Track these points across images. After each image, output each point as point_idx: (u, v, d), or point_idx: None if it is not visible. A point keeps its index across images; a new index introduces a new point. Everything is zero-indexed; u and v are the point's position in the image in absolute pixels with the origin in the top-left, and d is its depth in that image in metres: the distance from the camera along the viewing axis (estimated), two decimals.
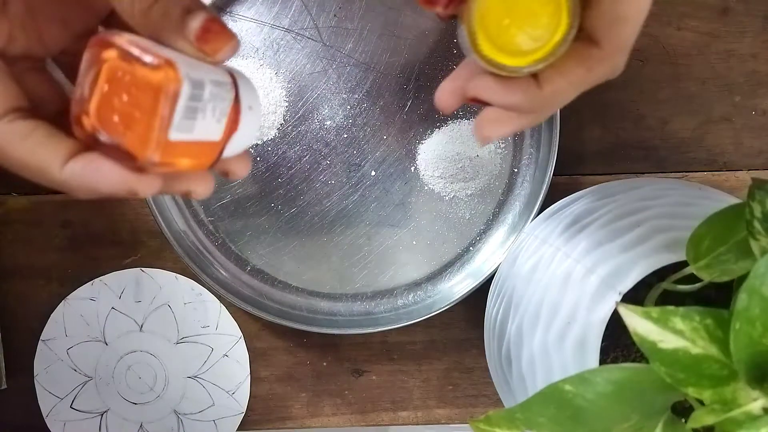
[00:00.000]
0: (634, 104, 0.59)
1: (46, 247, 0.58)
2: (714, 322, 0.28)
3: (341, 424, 0.60)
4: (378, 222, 0.58)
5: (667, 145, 0.59)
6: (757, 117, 0.60)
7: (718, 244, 0.33)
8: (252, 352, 0.59)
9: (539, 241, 0.44)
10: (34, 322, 0.58)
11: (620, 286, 0.36)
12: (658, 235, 0.37)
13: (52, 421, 0.59)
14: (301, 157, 0.57)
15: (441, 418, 0.61)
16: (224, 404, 0.59)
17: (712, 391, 0.28)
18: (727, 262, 0.32)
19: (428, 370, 0.60)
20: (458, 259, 0.58)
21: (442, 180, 0.57)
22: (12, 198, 0.58)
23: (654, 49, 0.59)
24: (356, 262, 0.58)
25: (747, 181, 0.59)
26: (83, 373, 0.59)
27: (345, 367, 0.60)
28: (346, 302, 0.58)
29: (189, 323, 0.58)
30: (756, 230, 0.30)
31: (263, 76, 0.56)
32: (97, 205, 0.58)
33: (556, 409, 0.29)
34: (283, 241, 0.57)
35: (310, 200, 0.57)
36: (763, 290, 0.26)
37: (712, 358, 0.28)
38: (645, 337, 0.27)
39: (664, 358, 0.27)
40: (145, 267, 0.58)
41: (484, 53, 0.30)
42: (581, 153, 0.59)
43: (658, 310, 0.28)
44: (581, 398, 0.29)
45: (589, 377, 0.29)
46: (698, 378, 0.28)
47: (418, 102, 0.57)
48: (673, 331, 0.27)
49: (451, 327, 0.60)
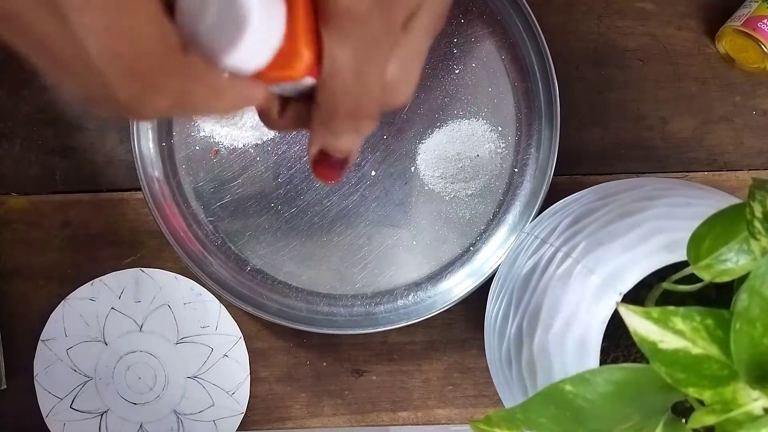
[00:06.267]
0: (634, 104, 0.59)
1: (46, 247, 0.58)
2: (714, 322, 0.28)
3: (341, 424, 0.60)
4: (378, 222, 0.58)
5: (667, 145, 0.59)
6: (757, 117, 0.60)
7: (718, 244, 0.32)
8: (252, 352, 0.59)
9: (539, 241, 0.44)
10: (34, 322, 0.58)
11: (620, 286, 0.36)
12: (658, 235, 0.37)
13: (52, 421, 0.59)
14: (301, 157, 0.57)
15: (441, 418, 0.60)
16: (224, 404, 0.59)
17: (713, 392, 0.28)
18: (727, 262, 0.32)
19: (428, 370, 0.60)
20: (458, 259, 0.58)
21: (442, 180, 0.57)
22: (12, 198, 0.58)
23: (654, 49, 0.59)
24: (356, 262, 0.58)
25: (747, 181, 0.59)
26: (83, 373, 0.59)
27: (345, 367, 0.60)
28: (346, 302, 0.58)
29: (189, 323, 0.58)
30: (756, 230, 0.30)
31: None
32: (97, 205, 0.58)
33: (556, 409, 0.29)
34: (283, 241, 0.57)
35: (310, 200, 0.57)
36: (763, 290, 0.26)
37: (712, 358, 0.28)
38: (645, 337, 0.27)
39: (664, 358, 0.27)
40: (145, 267, 0.58)
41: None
42: (581, 153, 0.59)
43: (659, 310, 0.28)
44: (581, 398, 0.29)
45: (590, 377, 0.29)
46: (698, 378, 0.28)
47: (419, 102, 0.57)
48: (674, 332, 0.27)
49: (451, 327, 0.60)
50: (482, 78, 0.57)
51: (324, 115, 0.30)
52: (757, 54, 0.55)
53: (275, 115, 0.32)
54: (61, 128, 0.58)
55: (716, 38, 0.59)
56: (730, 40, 0.57)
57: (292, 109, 0.32)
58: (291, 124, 0.32)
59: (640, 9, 0.59)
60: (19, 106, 0.58)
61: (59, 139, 0.58)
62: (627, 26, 0.59)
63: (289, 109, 0.32)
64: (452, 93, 0.57)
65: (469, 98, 0.57)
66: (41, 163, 0.58)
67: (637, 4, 0.59)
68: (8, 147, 0.58)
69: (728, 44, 0.58)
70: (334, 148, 0.32)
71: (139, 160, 0.55)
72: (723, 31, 0.58)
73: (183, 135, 0.57)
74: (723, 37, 0.58)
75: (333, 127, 0.31)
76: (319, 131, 0.31)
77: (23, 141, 0.58)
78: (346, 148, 0.32)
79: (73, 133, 0.58)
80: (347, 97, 0.29)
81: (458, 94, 0.57)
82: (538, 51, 0.56)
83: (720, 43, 0.59)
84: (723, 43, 0.58)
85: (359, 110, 0.30)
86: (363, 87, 0.29)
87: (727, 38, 0.57)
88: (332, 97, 0.29)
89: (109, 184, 0.59)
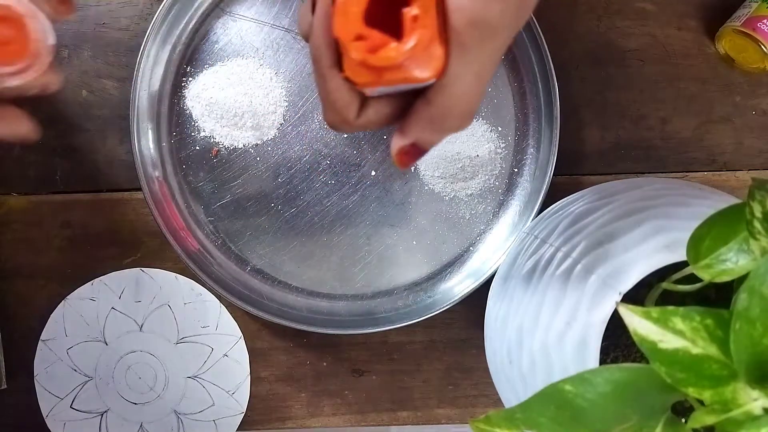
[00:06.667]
0: (634, 104, 0.59)
1: (46, 247, 0.58)
2: (714, 322, 0.28)
3: (341, 424, 0.60)
4: (378, 222, 0.58)
5: (667, 145, 0.59)
6: (757, 117, 0.60)
7: (718, 244, 0.32)
8: (252, 352, 0.59)
9: (539, 241, 0.44)
10: (34, 322, 0.58)
11: (620, 286, 0.36)
12: (658, 235, 0.37)
13: (52, 421, 0.59)
14: (301, 157, 0.57)
15: (441, 418, 0.61)
16: (224, 404, 0.59)
17: (713, 391, 0.28)
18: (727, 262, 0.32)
19: (428, 370, 0.60)
20: (458, 259, 0.58)
21: (442, 180, 0.57)
22: (12, 198, 0.58)
23: (654, 49, 0.59)
24: (356, 262, 0.58)
25: (747, 181, 0.59)
26: (83, 373, 0.59)
27: (345, 367, 0.60)
28: (346, 302, 0.58)
29: (189, 323, 0.58)
30: (756, 230, 0.30)
31: (263, 76, 0.56)
32: (98, 205, 0.58)
33: (556, 409, 0.29)
34: (283, 241, 0.57)
35: (310, 200, 0.57)
36: (763, 290, 0.26)
37: (712, 358, 0.28)
38: (645, 337, 0.27)
39: (664, 358, 0.27)
40: (145, 267, 0.58)
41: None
42: (581, 153, 0.59)
43: (658, 310, 0.28)
44: (581, 398, 0.29)
45: (590, 377, 0.29)
46: (698, 378, 0.28)
47: None
48: (673, 331, 0.27)
49: (451, 327, 0.60)
50: None
51: (435, 113, 0.31)
52: (756, 54, 0.55)
53: (352, 117, 0.32)
54: (61, 128, 0.58)
55: (716, 38, 0.59)
56: (729, 40, 0.57)
57: (374, 109, 0.32)
58: (369, 124, 0.33)
59: (640, 9, 0.59)
60: (19, 106, 0.58)
61: (59, 139, 0.58)
62: (627, 26, 0.59)
63: (369, 110, 0.32)
64: None
65: None
66: (41, 163, 0.58)
67: (637, 4, 0.59)
68: (8, 147, 0.58)
69: (728, 44, 0.58)
70: (431, 142, 0.33)
71: (139, 160, 0.55)
72: (723, 31, 0.58)
73: (183, 135, 0.57)
74: (723, 37, 0.58)
75: (441, 126, 0.31)
76: (424, 127, 0.32)
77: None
78: (439, 142, 0.33)
79: (74, 133, 0.58)
80: (465, 100, 0.30)
81: None
82: (537, 51, 0.56)
83: (720, 43, 0.59)
84: (723, 43, 0.58)
85: (471, 113, 0.31)
86: (480, 92, 0.30)
87: (727, 38, 0.58)
88: (451, 99, 0.30)
89: (109, 184, 0.59)
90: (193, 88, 0.56)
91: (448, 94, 0.30)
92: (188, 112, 0.56)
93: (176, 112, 0.57)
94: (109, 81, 0.58)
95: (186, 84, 0.56)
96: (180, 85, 0.56)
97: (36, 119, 0.38)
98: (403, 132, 0.32)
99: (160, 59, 0.56)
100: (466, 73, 0.29)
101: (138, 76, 0.55)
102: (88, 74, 0.58)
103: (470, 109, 0.31)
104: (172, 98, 0.56)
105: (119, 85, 0.58)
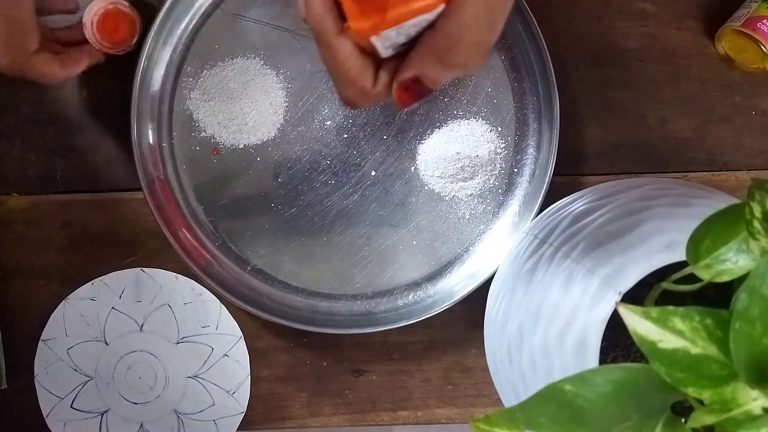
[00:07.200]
0: (634, 104, 0.59)
1: (46, 247, 0.58)
2: (714, 322, 0.28)
3: (341, 423, 0.60)
4: (378, 222, 0.58)
5: (667, 145, 0.59)
6: (757, 117, 0.60)
7: (718, 244, 0.33)
8: (252, 352, 0.59)
9: (539, 241, 0.44)
10: (34, 322, 0.58)
11: (620, 286, 0.36)
12: (658, 235, 0.37)
13: (52, 421, 0.59)
14: (301, 157, 0.57)
15: (441, 418, 0.61)
16: (224, 404, 0.59)
17: (712, 391, 0.28)
18: (726, 262, 0.32)
19: (428, 370, 0.60)
20: (458, 259, 0.58)
21: (442, 180, 0.57)
22: (12, 198, 0.58)
23: (654, 49, 0.59)
24: (356, 262, 0.58)
25: (747, 181, 0.59)
26: (83, 373, 0.59)
27: (345, 367, 0.60)
28: (346, 302, 0.58)
29: (189, 323, 0.58)
30: (756, 230, 0.30)
31: (263, 77, 0.56)
32: (98, 205, 0.58)
33: (556, 409, 0.29)
34: (283, 241, 0.57)
35: (310, 200, 0.57)
36: (763, 290, 0.26)
37: (711, 358, 0.28)
38: (645, 337, 0.27)
39: (663, 358, 0.27)
40: (145, 267, 0.58)
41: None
42: (581, 153, 0.59)
43: (658, 310, 0.28)
44: (581, 398, 0.29)
45: (589, 377, 0.29)
46: (698, 378, 0.28)
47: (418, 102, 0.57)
48: (673, 331, 0.27)
49: (451, 327, 0.60)
50: (482, 78, 0.57)
51: (441, 44, 0.29)
52: (756, 54, 0.55)
53: (369, 84, 0.31)
54: (61, 128, 0.58)
55: (716, 38, 0.59)
56: (729, 40, 0.57)
57: (387, 72, 0.31)
58: (386, 87, 0.31)
59: (640, 9, 0.59)
60: (20, 106, 0.58)
61: (60, 139, 0.58)
62: (627, 26, 0.59)
63: (383, 73, 0.31)
64: (452, 93, 0.57)
65: (468, 98, 0.57)
66: (42, 163, 0.58)
67: (637, 5, 0.59)
68: (8, 147, 0.58)
69: (728, 44, 0.58)
70: (435, 80, 0.31)
71: (139, 160, 0.55)
72: (723, 31, 0.58)
73: (183, 135, 0.57)
74: (723, 38, 0.58)
75: (446, 58, 0.30)
76: (428, 58, 0.30)
77: (23, 141, 0.58)
78: (445, 81, 0.31)
79: (74, 133, 0.58)
80: (473, 29, 0.29)
81: (458, 95, 0.57)
82: (537, 51, 0.56)
83: (720, 44, 0.59)
84: (723, 44, 0.58)
85: (479, 47, 0.29)
86: (490, 21, 0.29)
87: (727, 38, 0.58)
88: (458, 27, 0.29)
89: (109, 184, 0.59)
90: (193, 88, 0.56)
91: (454, 21, 0.28)
92: (188, 112, 0.56)
93: (176, 112, 0.57)
94: (109, 81, 0.58)
95: (186, 84, 0.56)
96: (180, 85, 0.56)
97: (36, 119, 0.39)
98: (406, 64, 0.31)
99: (161, 59, 0.56)
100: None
101: (138, 76, 0.55)
102: (88, 74, 0.58)
103: (478, 40, 0.29)
104: (172, 98, 0.56)
105: (119, 85, 0.58)
